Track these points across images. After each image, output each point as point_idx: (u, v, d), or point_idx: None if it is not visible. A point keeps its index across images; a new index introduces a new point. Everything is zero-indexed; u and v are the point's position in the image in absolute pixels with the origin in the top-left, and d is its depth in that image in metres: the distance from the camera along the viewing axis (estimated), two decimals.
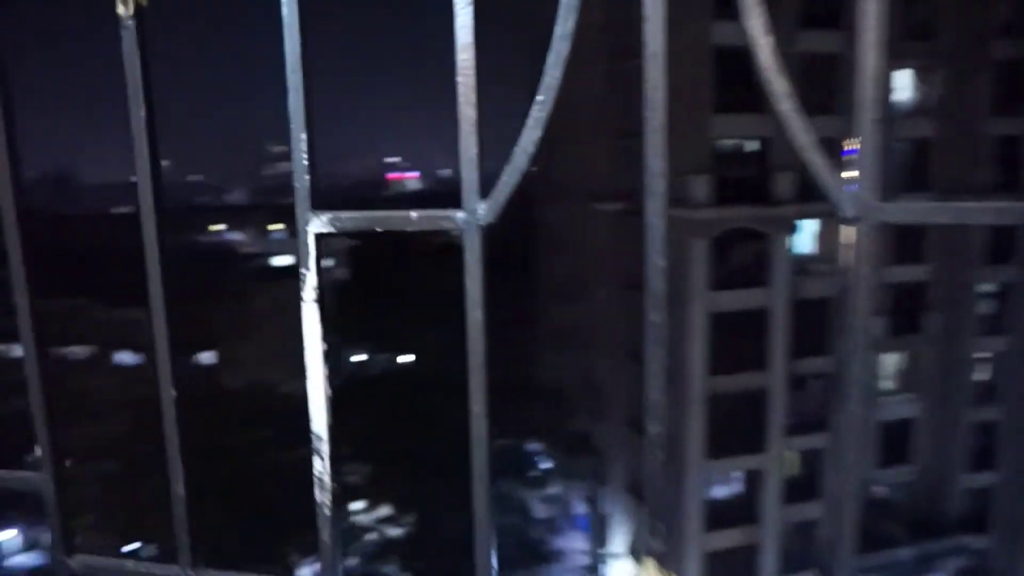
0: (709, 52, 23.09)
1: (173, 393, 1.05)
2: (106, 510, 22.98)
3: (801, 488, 27.17)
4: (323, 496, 0.94)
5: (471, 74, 0.83)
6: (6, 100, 0.98)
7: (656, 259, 0.81)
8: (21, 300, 1.00)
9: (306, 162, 0.91)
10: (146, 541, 23.01)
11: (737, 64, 24.57)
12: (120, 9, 0.91)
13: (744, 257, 26.10)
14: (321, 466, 0.93)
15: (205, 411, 24.14)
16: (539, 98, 0.82)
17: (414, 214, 0.87)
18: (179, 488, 1.04)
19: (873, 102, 0.74)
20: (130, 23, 0.91)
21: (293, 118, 0.89)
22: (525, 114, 0.90)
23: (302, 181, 0.91)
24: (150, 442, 23.42)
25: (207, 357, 37.18)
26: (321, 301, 0.92)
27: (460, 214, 0.86)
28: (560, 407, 29.97)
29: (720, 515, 26.20)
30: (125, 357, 39.64)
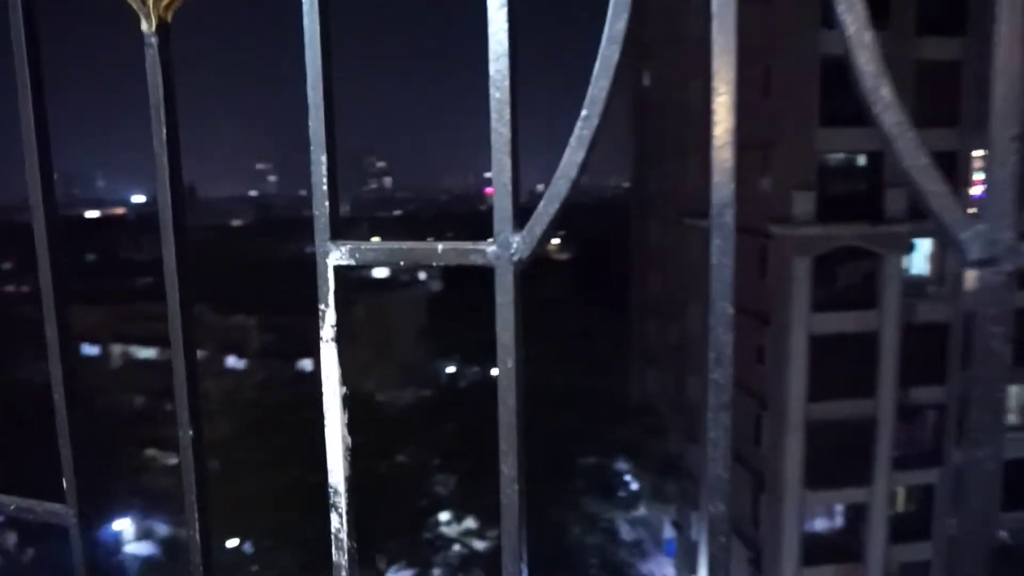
0: (815, 62, 22.13)
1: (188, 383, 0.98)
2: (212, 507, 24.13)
3: (909, 526, 25.33)
4: (340, 557, 0.84)
5: (506, 87, 0.72)
6: (39, 113, 0.95)
7: (724, 307, 0.67)
8: (48, 312, 0.96)
9: (326, 187, 0.82)
10: (243, 537, 24.01)
11: (845, 74, 23.67)
12: (143, 26, 0.85)
13: (852, 277, 24.74)
14: (338, 522, 0.83)
15: (304, 416, 25.05)
16: (584, 113, 0.69)
17: (440, 246, 0.76)
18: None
19: (1012, 115, 0.57)
20: (153, 40, 0.85)
21: (313, 139, 0.80)
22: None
23: (321, 208, 0.82)
24: (250, 443, 24.60)
25: (307, 364, 38.71)
26: (341, 340, 0.83)
27: (491, 248, 0.75)
28: (651, 426, 29.25)
29: (819, 550, 24.76)
30: (232, 361, 41.84)
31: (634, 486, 27.80)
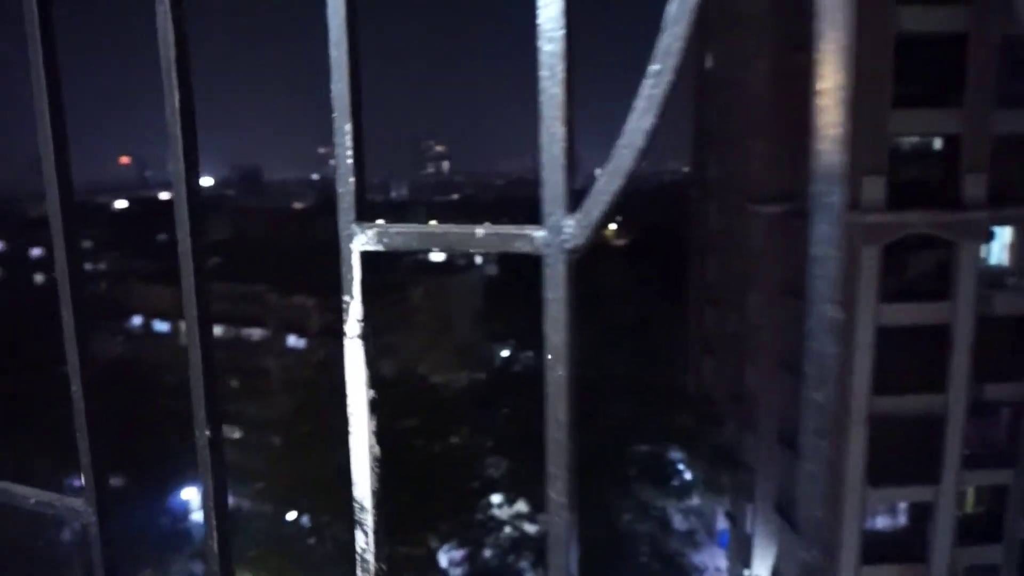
0: (890, 39, 21.05)
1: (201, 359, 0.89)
2: (272, 479, 24.87)
3: (978, 528, 24.26)
4: None
5: (560, 36, 0.59)
6: (55, 103, 0.87)
7: (826, 311, 0.53)
8: (66, 311, 0.88)
9: (351, 161, 0.71)
10: (302, 511, 24.65)
11: (922, 53, 22.29)
12: None
13: (923, 267, 23.64)
14: (364, 542, 0.73)
15: None
16: (653, 68, 0.56)
17: (480, 231, 0.64)
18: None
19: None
20: (165, 1, 0.76)
21: (336, 104, 0.69)
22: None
23: (346, 185, 0.71)
24: (311, 420, 25.20)
25: None
26: (368, 337, 0.72)
27: (540, 233, 0.62)
28: (707, 415, 28.73)
29: (881, 548, 23.94)
30: (293, 340, 42.88)
31: (688, 475, 27.39)
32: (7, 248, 70.16)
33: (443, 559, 24.47)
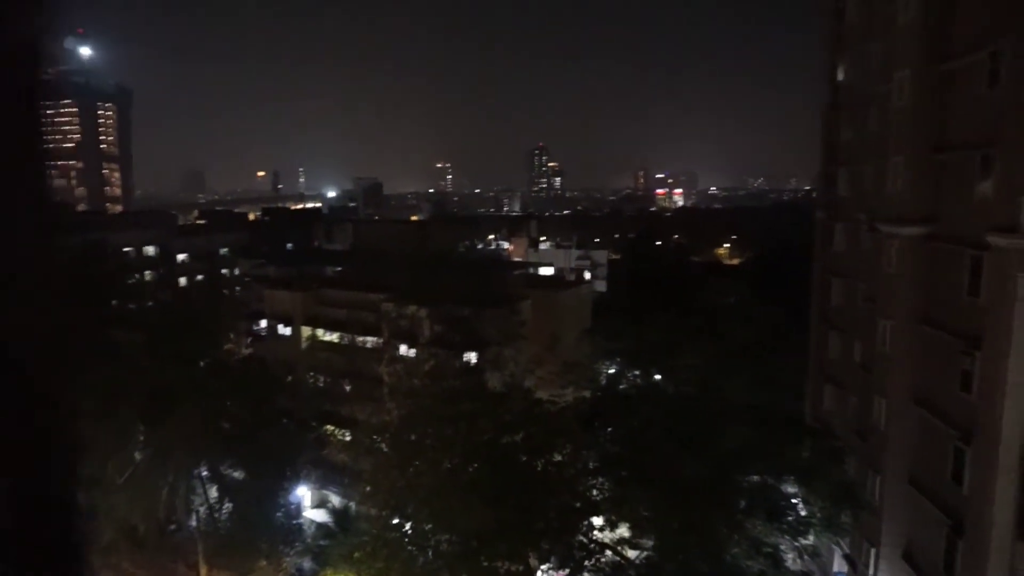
0: None
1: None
2: (379, 484, 25.41)
3: None
4: None
5: None
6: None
7: None
8: None
9: None
10: (404, 518, 25.00)
11: None
12: None
13: None
14: None
15: (466, 407, 25.68)
16: None
17: None
18: None
19: None
20: None
21: None
22: None
23: None
24: (419, 428, 25.51)
25: (472, 357, 39.73)
26: None
27: None
28: (827, 450, 26.85)
29: None
30: (404, 349, 43.94)
31: (804, 512, 25.65)
32: (159, 252, 76.86)
33: None
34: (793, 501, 25.77)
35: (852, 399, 31.32)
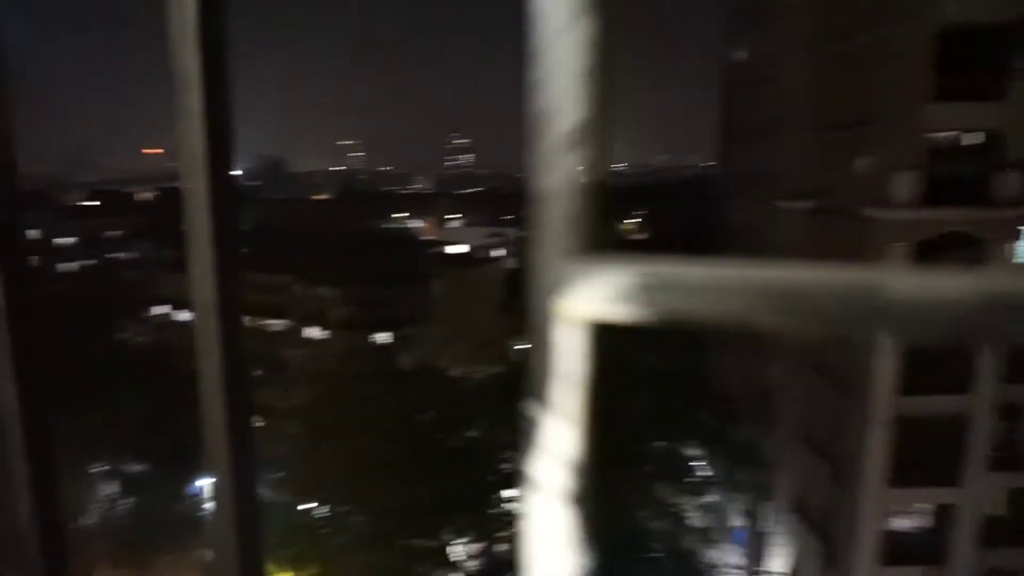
0: (933, 30, 20.54)
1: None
2: (291, 470, 25.11)
3: (1004, 531, 23.82)
4: None
5: None
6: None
7: None
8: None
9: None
10: (319, 501, 24.86)
11: (964, 44, 21.62)
12: None
13: (953, 266, 23.15)
14: None
15: (378, 388, 25.66)
16: None
17: None
18: None
19: None
20: None
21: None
22: None
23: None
24: (331, 411, 25.32)
25: (382, 337, 39.54)
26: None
27: None
28: (727, 413, 28.48)
29: (899, 550, 23.63)
30: (314, 332, 43.22)
31: (705, 473, 27.22)
32: (41, 236, 71.71)
33: (459, 552, 24.57)
34: (696, 463, 27.29)
35: (750, 365, 33.22)
